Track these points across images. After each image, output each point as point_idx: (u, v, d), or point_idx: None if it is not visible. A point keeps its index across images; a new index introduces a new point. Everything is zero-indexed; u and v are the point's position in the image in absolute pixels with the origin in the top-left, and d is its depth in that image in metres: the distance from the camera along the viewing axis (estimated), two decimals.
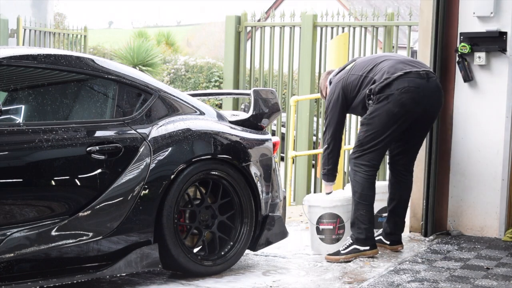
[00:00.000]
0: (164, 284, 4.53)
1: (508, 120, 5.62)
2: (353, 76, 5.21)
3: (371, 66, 5.17)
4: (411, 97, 5.00)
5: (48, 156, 4.21)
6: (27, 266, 4.09)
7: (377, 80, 5.04)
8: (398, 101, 4.98)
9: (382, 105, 5.00)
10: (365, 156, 5.11)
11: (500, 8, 5.60)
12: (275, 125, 9.65)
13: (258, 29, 10.08)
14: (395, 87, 4.98)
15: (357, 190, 5.13)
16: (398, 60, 5.14)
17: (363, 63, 5.26)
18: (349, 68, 5.30)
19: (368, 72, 5.15)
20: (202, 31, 41.47)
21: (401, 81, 4.98)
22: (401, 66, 5.06)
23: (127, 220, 4.37)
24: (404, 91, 4.98)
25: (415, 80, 5.01)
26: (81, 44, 15.27)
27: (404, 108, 5.00)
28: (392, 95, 4.98)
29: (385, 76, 5.01)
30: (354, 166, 5.16)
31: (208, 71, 23.29)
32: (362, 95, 5.15)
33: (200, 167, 4.64)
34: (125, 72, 4.69)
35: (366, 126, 5.10)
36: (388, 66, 5.07)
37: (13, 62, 4.31)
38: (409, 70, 5.03)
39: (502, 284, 4.42)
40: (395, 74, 5.00)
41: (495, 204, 5.68)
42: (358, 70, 5.21)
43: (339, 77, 5.30)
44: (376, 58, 5.27)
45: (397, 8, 9.20)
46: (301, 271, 4.87)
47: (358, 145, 5.16)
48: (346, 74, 5.27)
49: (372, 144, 5.09)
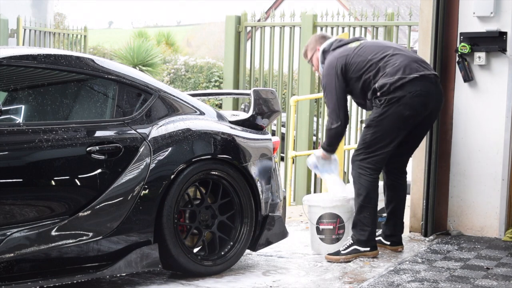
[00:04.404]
0: (164, 284, 4.53)
1: (508, 120, 5.62)
2: (360, 58, 5.07)
3: (381, 55, 5.04)
4: (422, 101, 4.97)
5: (48, 156, 4.20)
6: (27, 266, 4.08)
7: (389, 74, 4.93)
8: (410, 105, 4.93)
9: (393, 108, 4.93)
10: (371, 159, 5.04)
11: (500, 8, 5.60)
12: (275, 125, 9.65)
13: (258, 29, 10.08)
14: (408, 90, 4.91)
15: (361, 193, 5.07)
16: (409, 57, 5.03)
17: (372, 47, 5.11)
18: (355, 47, 5.14)
19: (379, 61, 5.02)
20: (202, 31, 41.49)
21: (414, 84, 4.92)
22: (415, 66, 4.97)
23: (127, 220, 4.37)
24: (416, 95, 4.93)
25: (426, 85, 4.97)
26: (81, 44, 15.27)
27: (414, 111, 4.96)
28: (403, 97, 4.91)
29: (400, 75, 4.92)
30: (358, 168, 5.08)
31: (208, 71, 23.29)
32: (363, 80, 5.05)
33: (200, 167, 4.64)
34: (125, 72, 4.69)
35: (374, 128, 5.02)
36: (402, 63, 4.96)
37: (13, 62, 4.31)
38: (423, 73, 4.96)
39: (502, 284, 4.42)
40: (411, 75, 4.92)
41: (495, 204, 5.68)
42: (367, 54, 5.07)
43: (342, 53, 5.14)
44: (386, 47, 5.12)
45: (397, 8, 9.21)
46: (301, 271, 4.87)
47: (365, 147, 5.07)
48: (351, 52, 5.11)
49: (380, 147, 5.02)
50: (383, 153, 5.04)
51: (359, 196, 5.09)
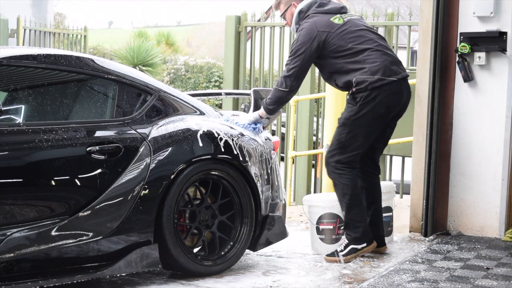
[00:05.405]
0: (164, 284, 4.53)
1: (508, 120, 5.62)
2: (341, 41, 4.93)
3: (363, 46, 4.93)
4: (396, 99, 4.97)
5: (48, 156, 4.20)
6: (27, 266, 4.08)
7: (369, 72, 4.85)
8: (385, 103, 4.92)
9: (369, 106, 4.89)
10: (347, 158, 4.97)
11: (500, 8, 5.60)
12: (275, 125, 9.65)
13: (258, 29, 10.08)
14: (384, 89, 4.89)
15: (347, 192, 4.99)
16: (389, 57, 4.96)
17: (355, 33, 4.96)
18: (339, 26, 4.97)
19: (359, 52, 4.91)
20: (202, 31, 41.49)
21: (390, 84, 4.91)
22: (395, 69, 4.95)
23: (127, 220, 4.37)
24: (391, 93, 4.92)
25: (400, 84, 4.97)
26: (81, 44, 15.28)
27: (389, 109, 4.97)
28: (379, 95, 4.90)
29: (379, 76, 4.87)
30: (336, 169, 5.00)
31: (208, 71, 23.29)
32: (337, 63, 4.93)
33: (200, 167, 4.64)
34: (125, 72, 4.69)
35: (350, 127, 4.94)
36: (383, 64, 4.91)
37: (13, 62, 4.31)
38: (400, 76, 4.95)
39: (502, 284, 4.42)
40: (390, 78, 4.90)
41: (495, 204, 5.68)
42: (349, 39, 4.94)
43: (324, 26, 4.95)
44: (368, 39, 4.97)
45: (397, 8, 9.21)
46: (301, 271, 4.87)
47: (340, 147, 4.98)
48: (333, 30, 4.95)
49: (355, 146, 4.96)
50: (358, 152, 5.01)
51: (345, 196, 5.01)
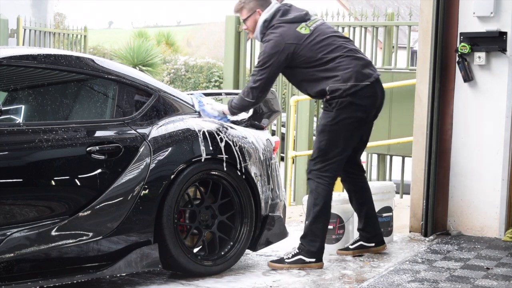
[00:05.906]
0: (164, 284, 4.53)
1: (508, 120, 5.62)
2: (310, 53, 4.84)
3: (333, 55, 4.85)
4: (372, 101, 4.92)
5: (48, 156, 4.20)
6: (27, 266, 4.08)
7: (342, 79, 4.79)
8: (362, 106, 4.85)
9: (345, 111, 4.81)
10: (329, 166, 4.88)
11: (500, 8, 5.60)
12: (275, 125, 9.65)
13: None
14: (359, 94, 4.83)
15: (318, 203, 4.90)
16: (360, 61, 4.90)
17: (323, 42, 4.87)
18: (306, 36, 4.86)
19: (329, 61, 4.83)
20: (202, 31, 41.47)
21: (365, 88, 4.85)
22: (367, 72, 4.88)
23: (127, 220, 4.37)
24: (367, 97, 4.87)
25: (374, 86, 4.91)
26: (81, 44, 15.28)
27: (366, 112, 4.90)
28: (354, 100, 4.82)
29: (353, 82, 4.79)
30: (317, 178, 4.90)
31: (208, 71, 23.30)
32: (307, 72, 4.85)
33: (200, 167, 4.64)
34: (125, 72, 4.69)
35: (329, 134, 4.85)
36: (354, 69, 4.83)
37: (13, 62, 4.31)
38: (373, 79, 4.90)
39: (502, 284, 4.42)
40: (363, 82, 4.84)
41: (495, 204, 5.68)
42: (318, 50, 4.85)
43: (292, 38, 4.84)
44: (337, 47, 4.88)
45: (397, 8, 9.21)
46: (301, 271, 4.87)
47: (321, 154, 4.88)
48: (301, 42, 4.85)
49: (337, 152, 4.87)
50: (341, 159, 4.92)
51: (315, 206, 4.91)
